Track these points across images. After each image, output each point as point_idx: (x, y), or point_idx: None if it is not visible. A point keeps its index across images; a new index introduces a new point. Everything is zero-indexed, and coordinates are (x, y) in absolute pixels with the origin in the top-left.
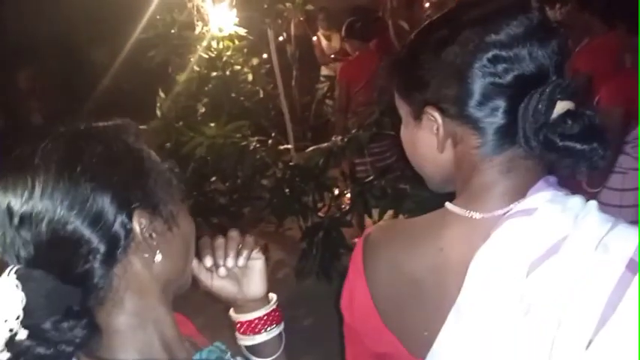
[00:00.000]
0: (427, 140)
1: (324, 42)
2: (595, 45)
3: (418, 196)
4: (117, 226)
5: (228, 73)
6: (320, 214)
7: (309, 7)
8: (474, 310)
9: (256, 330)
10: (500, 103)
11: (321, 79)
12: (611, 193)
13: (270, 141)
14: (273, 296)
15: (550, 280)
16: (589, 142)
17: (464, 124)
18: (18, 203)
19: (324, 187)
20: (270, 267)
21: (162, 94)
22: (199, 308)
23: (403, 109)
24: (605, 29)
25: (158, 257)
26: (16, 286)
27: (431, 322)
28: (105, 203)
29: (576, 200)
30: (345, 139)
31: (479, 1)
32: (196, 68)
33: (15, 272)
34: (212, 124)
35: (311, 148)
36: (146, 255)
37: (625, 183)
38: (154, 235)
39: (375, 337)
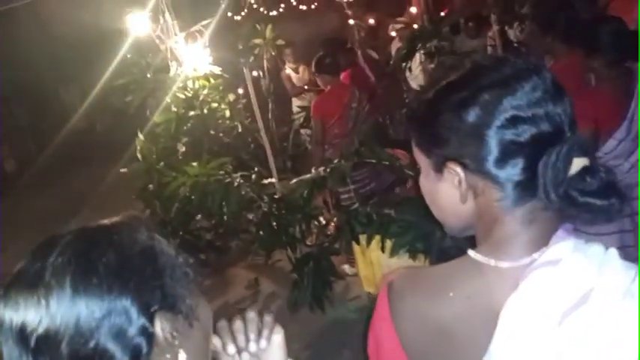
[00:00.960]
0: (448, 192)
1: (293, 75)
2: (559, 67)
3: (403, 221)
4: (139, 335)
5: (205, 111)
6: (307, 243)
7: (280, 41)
8: (506, 356)
9: None
10: (520, 160)
11: (296, 109)
12: None
13: (253, 175)
14: None
15: (582, 329)
16: (608, 198)
17: (485, 179)
18: (32, 325)
19: (311, 218)
20: (262, 300)
21: (141, 137)
22: None
23: (423, 162)
24: (566, 51)
25: (182, 357)
26: None
27: None
28: (125, 313)
29: (597, 249)
30: (328, 170)
31: (494, 64)
32: (174, 109)
33: None
34: (194, 163)
35: (295, 180)
36: (169, 356)
37: None
38: (175, 334)
39: None
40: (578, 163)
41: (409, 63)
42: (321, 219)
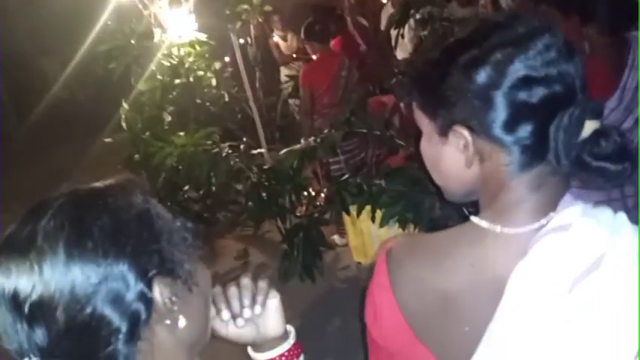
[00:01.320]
0: (453, 156)
1: (281, 43)
2: None
3: (393, 191)
4: (137, 300)
5: (191, 79)
6: (297, 214)
7: (267, 7)
8: (514, 323)
9: None
10: (530, 123)
11: (285, 78)
12: None
13: (242, 146)
14: (291, 330)
15: (594, 296)
16: (622, 162)
17: (493, 143)
18: (25, 291)
19: (301, 188)
20: (251, 271)
21: (125, 106)
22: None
23: (425, 125)
24: (562, 19)
25: (182, 322)
26: None
27: (467, 335)
28: (122, 278)
29: (607, 212)
30: (318, 140)
31: (506, 22)
32: (159, 77)
33: None
34: (181, 133)
35: (284, 150)
36: (168, 322)
37: None
38: (174, 299)
39: (407, 352)
40: (590, 126)
41: (402, 30)
42: (311, 190)
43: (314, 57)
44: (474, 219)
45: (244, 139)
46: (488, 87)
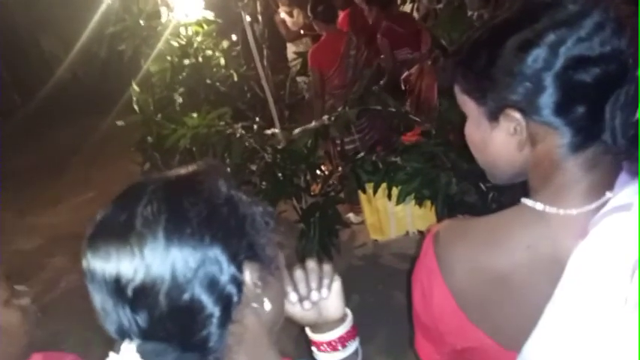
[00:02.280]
0: (504, 140)
1: (287, 19)
2: None
3: (410, 168)
4: (230, 284)
5: (200, 59)
6: (312, 193)
7: None
8: (573, 305)
9: (336, 348)
10: (584, 104)
11: (292, 55)
12: None
13: (255, 126)
14: (348, 312)
15: None
16: None
17: (546, 125)
18: (128, 276)
19: (315, 167)
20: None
21: (136, 88)
22: None
23: (473, 110)
24: None
25: (267, 306)
26: None
27: (523, 317)
28: (217, 262)
29: None
30: (332, 118)
31: (555, 0)
32: (168, 58)
33: (136, 348)
34: (193, 114)
35: (298, 130)
36: (255, 305)
37: None
38: (259, 283)
39: (460, 334)
40: None
41: (416, 4)
42: (324, 168)
43: (322, 34)
44: (526, 201)
45: (257, 119)
46: (542, 69)
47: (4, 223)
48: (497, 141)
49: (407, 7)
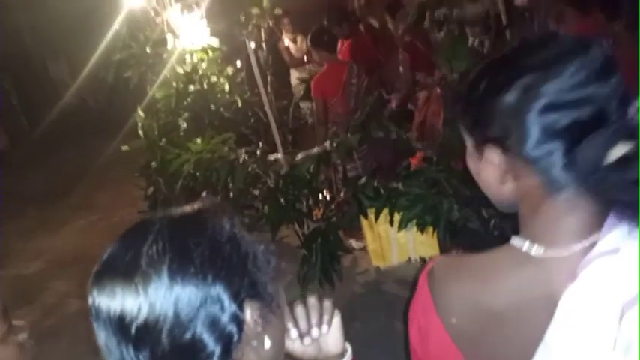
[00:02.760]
0: (490, 172)
1: (291, 46)
2: (573, 32)
3: (411, 194)
4: (231, 322)
5: (205, 85)
6: (313, 218)
7: (277, 11)
8: (563, 346)
9: None
10: (559, 145)
11: (295, 81)
12: None
13: (258, 151)
14: (348, 347)
15: None
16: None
17: (525, 163)
18: (132, 314)
19: (318, 193)
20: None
21: (141, 113)
22: None
23: (467, 140)
24: (579, 17)
25: (267, 344)
26: None
27: (516, 356)
28: (219, 301)
29: None
30: (334, 144)
31: (540, 42)
32: (173, 84)
33: None
34: (197, 140)
35: (300, 155)
36: (255, 343)
37: None
38: (260, 321)
39: None
40: (620, 150)
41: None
42: (326, 193)
43: (321, 65)
44: (514, 241)
45: (260, 145)
46: (517, 110)
47: (7, 247)
48: (484, 173)
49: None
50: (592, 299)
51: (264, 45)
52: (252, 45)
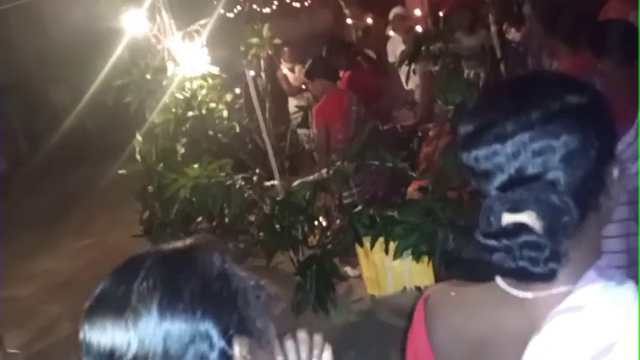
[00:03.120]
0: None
1: (289, 74)
2: (564, 68)
3: (407, 222)
4: (219, 359)
5: (204, 111)
6: (309, 245)
7: (277, 40)
8: None
9: None
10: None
11: (293, 109)
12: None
13: (254, 177)
14: None
15: None
16: (516, 261)
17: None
18: (122, 349)
19: (313, 219)
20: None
21: (139, 138)
22: None
23: None
24: (570, 53)
25: None
26: None
27: None
28: (208, 338)
29: (628, 295)
30: (331, 172)
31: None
32: (172, 109)
33: None
34: (195, 165)
35: (297, 182)
36: None
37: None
38: (248, 357)
39: None
40: (518, 218)
41: (413, 65)
42: (322, 220)
43: (318, 95)
44: (497, 279)
45: (257, 171)
46: (464, 166)
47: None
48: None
49: (403, 70)
50: (552, 355)
51: (262, 74)
52: (252, 73)
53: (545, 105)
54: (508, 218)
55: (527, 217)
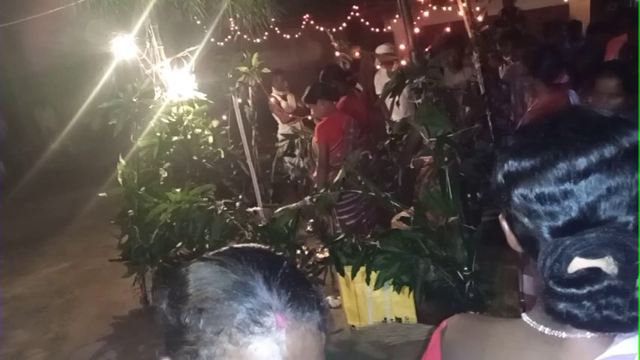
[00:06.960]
0: (509, 236)
1: (282, 102)
2: (542, 104)
3: (388, 252)
4: None
5: (189, 136)
6: None
7: (266, 70)
8: None
9: None
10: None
11: (279, 137)
12: None
13: (237, 203)
14: None
15: None
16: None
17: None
18: None
19: (295, 247)
20: None
21: (122, 161)
22: None
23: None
24: (548, 90)
25: None
26: None
27: None
28: None
29: None
30: (314, 199)
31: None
32: (157, 134)
33: None
34: (177, 189)
35: (280, 209)
36: None
37: None
38: None
39: None
40: (593, 263)
41: (397, 98)
42: (304, 248)
43: (318, 119)
44: (524, 317)
45: (240, 197)
46: (501, 194)
47: None
48: (508, 235)
49: (388, 102)
50: None
51: (249, 101)
52: (239, 100)
53: (615, 142)
54: (581, 263)
55: (604, 263)
